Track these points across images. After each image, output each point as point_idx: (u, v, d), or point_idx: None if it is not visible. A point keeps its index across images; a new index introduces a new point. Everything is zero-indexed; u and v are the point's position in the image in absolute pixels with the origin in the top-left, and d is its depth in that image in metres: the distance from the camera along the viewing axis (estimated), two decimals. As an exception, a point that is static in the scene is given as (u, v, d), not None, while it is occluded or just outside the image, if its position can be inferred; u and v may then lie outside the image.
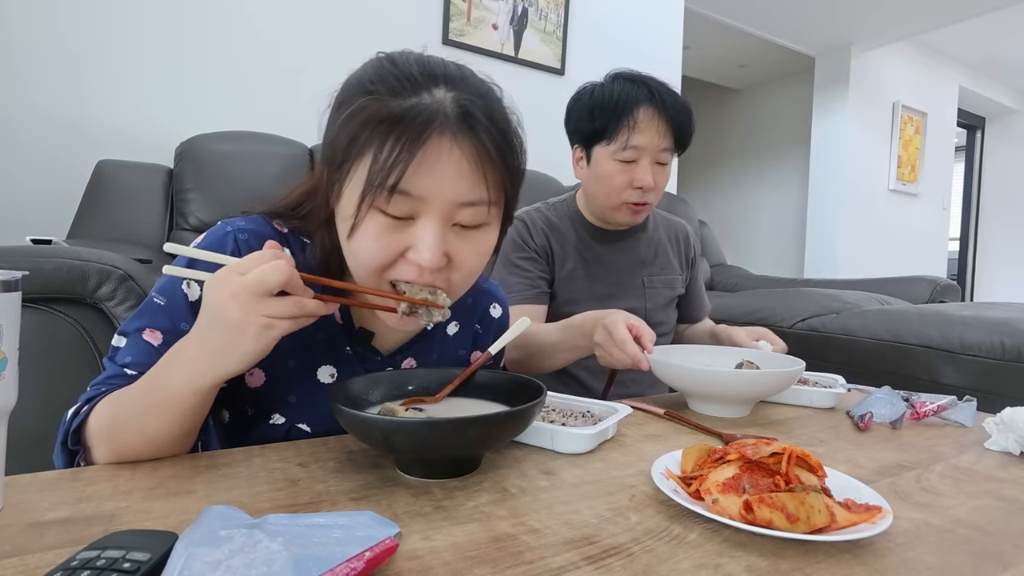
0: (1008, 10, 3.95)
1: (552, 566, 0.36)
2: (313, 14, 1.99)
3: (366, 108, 0.51)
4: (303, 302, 0.49)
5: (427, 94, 0.52)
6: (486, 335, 0.80)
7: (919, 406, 0.74)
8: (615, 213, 1.15)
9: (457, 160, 0.52)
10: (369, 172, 0.51)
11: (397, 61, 0.55)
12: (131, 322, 0.60)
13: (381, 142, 0.51)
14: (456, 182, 0.52)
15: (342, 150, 0.53)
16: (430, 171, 0.51)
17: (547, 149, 2.56)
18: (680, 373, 0.77)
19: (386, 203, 0.52)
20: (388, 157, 0.50)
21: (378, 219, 0.53)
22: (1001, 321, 1.44)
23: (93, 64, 1.68)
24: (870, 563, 0.38)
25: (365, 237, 0.54)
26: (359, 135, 0.52)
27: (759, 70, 5.17)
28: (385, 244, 0.54)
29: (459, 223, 0.55)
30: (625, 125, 1.06)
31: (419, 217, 0.53)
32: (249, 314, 0.47)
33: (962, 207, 5.91)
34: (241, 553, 0.32)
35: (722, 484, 0.44)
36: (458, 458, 0.52)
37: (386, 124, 0.50)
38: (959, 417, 0.72)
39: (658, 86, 1.09)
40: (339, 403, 0.49)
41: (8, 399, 0.41)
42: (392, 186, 0.50)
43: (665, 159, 1.11)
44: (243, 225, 0.62)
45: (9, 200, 1.61)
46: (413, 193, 0.51)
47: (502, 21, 2.40)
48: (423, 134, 0.50)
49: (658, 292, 1.24)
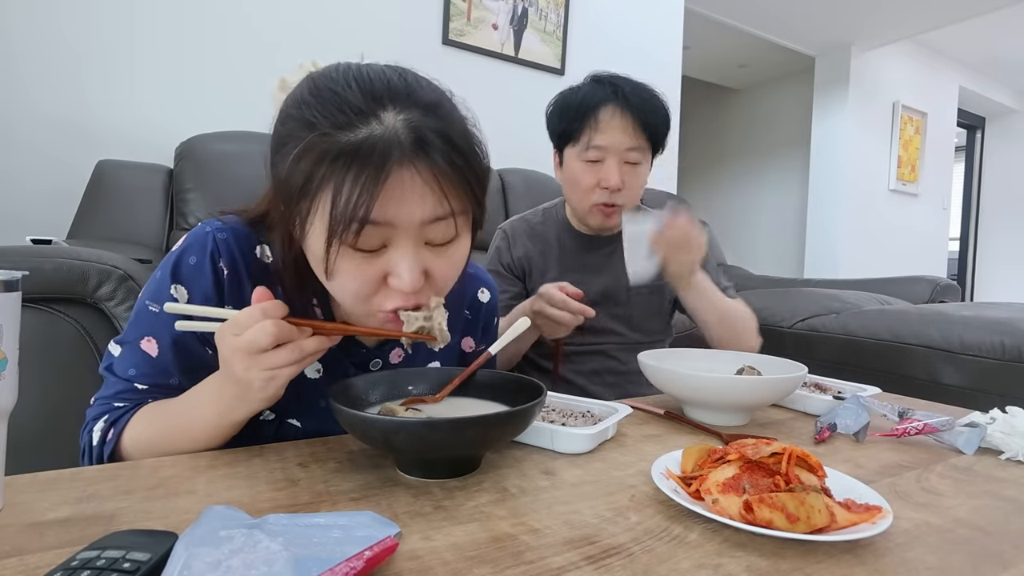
0: (1008, 10, 3.95)
1: (552, 566, 0.36)
2: (313, 14, 1.99)
3: (315, 146, 0.49)
4: (301, 346, 0.51)
5: (376, 121, 0.49)
6: (475, 320, 0.80)
7: (905, 422, 0.68)
8: (587, 217, 1.14)
9: (420, 185, 0.51)
10: (331, 213, 0.49)
11: (334, 87, 0.51)
12: (128, 331, 0.61)
13: (340, 180, 0.48)
14: (421, 205, 0.51)
15: (298, 190, 0.51)
16: (396, 201, 0.50)
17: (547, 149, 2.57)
18: (675, 379, 0.73)
19: (355, 239, 0.50)
20: (350, 196, 0.48)
21: (351, 256, 0.52)
22: (1001, 321, 1.44)
23: (93, 64, 1.67)
24: (870, 563, 0.38)
25: (343, 277, 0.53)
26: (314, 174, 0.49)
27: (759, 70, 5.17)
28: (363, 277, 0.53)
29: (430, 241, 0.54)
30: (588, 125, 1.06)
31: (391, 244, 0.53)
32: (250, 371, 0.50)
33: (962, 207, 5.91)
34: (241, 553, 0.32)
35: (722, 484, 0.44)
36: (458, 458, 0.52)
37: (341, 161, 0.48)
38: (957, 443, 0.65)
39: (626, 85, 1.07)
40: (339, 403, 0.49)
41: (8, 399, 0.41)
42: (360, 223, 0.49)
43: (635, 158, 1.07)
44: (222, 225, 0.63)
45: (9, 200, 1.60)
46: (381, 223, 0.50)
47: (502, 21, 2.40)
48: (383, 169, 0.48)
49: (644, 299, 1.19)
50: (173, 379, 0.61)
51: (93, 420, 0.60)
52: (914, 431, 0.66)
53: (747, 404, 0.73)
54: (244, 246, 0.63)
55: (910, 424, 0.67)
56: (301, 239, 0.55)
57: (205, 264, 0.60)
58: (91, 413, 0.61)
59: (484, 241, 1.98)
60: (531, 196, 2.13)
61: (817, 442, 0.66)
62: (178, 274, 0.60)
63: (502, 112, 2.39)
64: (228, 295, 0.62)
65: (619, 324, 1.18)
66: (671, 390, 0.75)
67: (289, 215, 0.54)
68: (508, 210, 2.10)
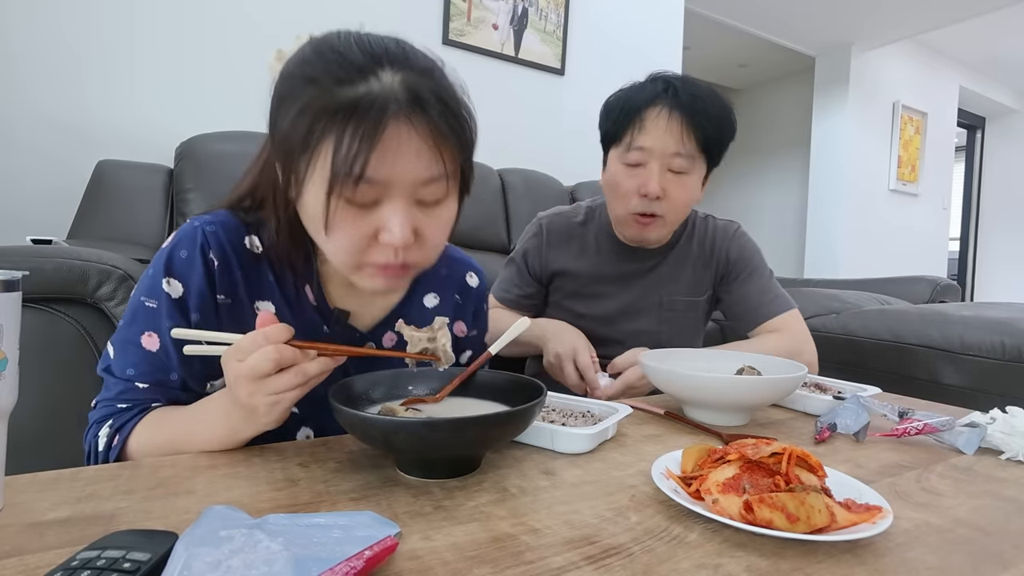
0: (1008, 10, 3.95)
1: (552, 566, 0.36)
2: (313, 14, 1.99)
3: (316, 100, 0.51)
4: (304, 370, 0.52)
5: (374, 79, 0.52)
6: (466, 305, 0.81)
7: (905, 422, 0.68)
8: (624, 227, 1.06)
9: (416, 142, 0.53)
10: (332, 165, 0.51)
11: (336, 46, 0.54)
12: (124, 329, 0.62)
13: (339, 133, 0.51)
14: (416, 163, 0.53)
15: (299, 144, 0.53)
16: (392, 156, 0.52)
17: (547, 149, 2.57)
18: (675, 379, 0.72)
19: (353, 192, 0.53)
20: (349, 148, 0.50)
21: (346, 210, 0.54)
22: (1001, 321, 1.44)
23: (93, 64, 1.67)
24: (870, 563, 0.38)
25: (338, 232, 0.55)
26: (314, 128, 0.51)
27: (759, 70, 5.17)
28: (358, 233, 0.55)
29: (421, 200, 0.56)
30: (633, 125, 0.98)
31: (384, 200, 0.55)
32: (254, 396, 0.51)
33: (962, 207, 5.90)
34: (241, 553, 0.32)
35: (722, 484, 0.44)
36: (458, 458, 0.52)
37: (341, 115, 0.50)
38: (957, 443, 0.65)
39: (681, 84, 0.98)
40: (339, 403, 0.49)
41: (8, 399, 0.41)
42: (357, 176, 0.51)
43: (680, 166, 0.98)
44: (210, 219, 0.64)
45: (9, 200, 1.60)
46: (377, 179, 0.52)
47: (502, 21, 2.40)
48: (380, 122, 0.51)
49: (680, 315, 1.13)
50: (173, 375, 0.62)
51: (97, 424, 0.60)
52: (914, 431, 0.66)
53: (747, 404, 0.73)
54: (233, 237, 0.64)
55: (910, 424, 0.66)
56: (297, 198, 0.56)
57: (196, 257, 0.61)
58: (94, 416, 0.61)
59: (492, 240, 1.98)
60: (531, 196, 2.13)
61: (817, 442, 0.66)
62: (170, 268, 0.61)
63: (502, 112, 2.39)
64: (220, 285, 0.63)
65: (647, 339, 1.10)
66: (671, 390, 0.75)
67: (288, 172, 0.55)
68: (508, 210, 2.10)
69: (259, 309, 0.65)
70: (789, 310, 1.10)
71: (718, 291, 1.17)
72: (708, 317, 1.22)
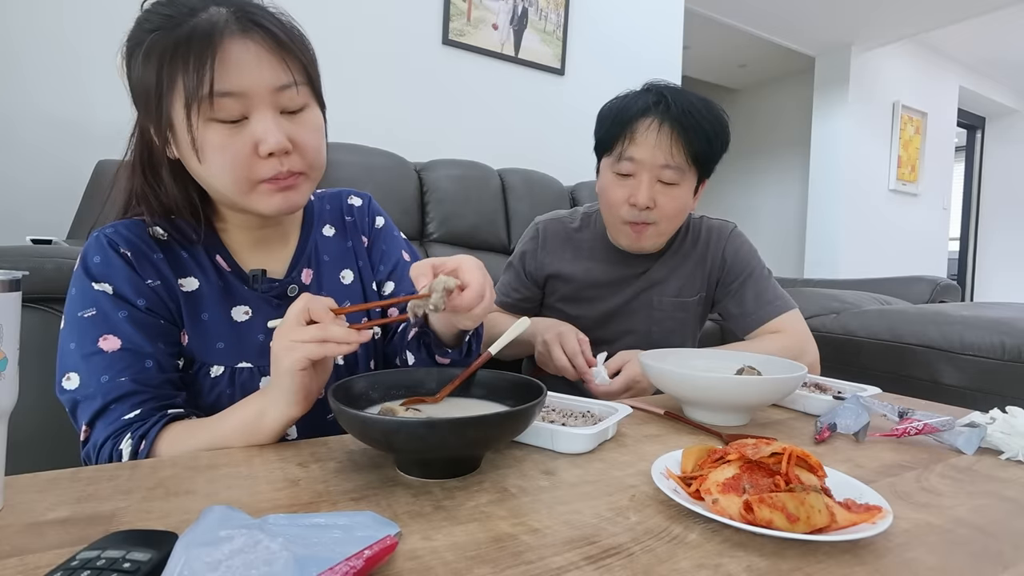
0: (1008, 10, 3.95)
1: (552, 566, 0.36)
2: (313, 14, 1.99)
3: (157, 43, 0.57)
4: (327, 328, 0.55)
5: (204, 13, 0.58)
6: (360, 224, 0.85)
7: (905, 422, 0.67)
8: (618, 235, 1.07)
9: (254, 51, 0.59)
10: (184, 90, 0.56)
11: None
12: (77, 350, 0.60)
13: (184, 63, 0.56)
14: (261, 71, 0.59)
15: (154, 87, 0.57)
16: (236, 68, 0.57)
17: (547, 149, 2.57)
18: (675, 379, 0.72)
19: (212, 110, 0.57)
20: (195, 69, 0.56)
21: (215, 129, 0.58)
22: (1001, 321, 1.44)
23: (94, 64, 1.67)
24: (870, 563, 0.38)
25: (212, 151, 0.59)
26: (162, 66, 0.56)
27: (759, 70, 5.17)
28: (233, 148, 0.59)
29: (284, 108, 0.61)
30: (624, 135, 0.99)
31: (250, 114, 0.59)
32: (279, 340, 0.55)
33: (962, 207, 5.91)
34: (241, 553, 0.32)
35: (722, 484, 0.44)
36: (458, 458, 0.52)
37: (182, 46, 0.56)
38: (957, 443, 0.64)
39: (674, 95, 0.98)
40: (339, 403, 0.49)
41: (8, 399, 0.41)
42: (209, 91, 0.56)
43: (670, 178, 0.98)
44: (106, 227, 0.66)
45: (9, 200, 1.60)
46: (232, 90, 0.57)
47: (502, 21, 2.40)
48: (210, 43, 0.56)
49: (669, 316, 1.14)
50: (148, 361, 0.62)
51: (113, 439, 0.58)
52: (914, 431, 0.66)
53: (747, 404, 0.73)
54: (136, 231, 0.66)
55: (910, 424, 0.66)
56: (171, 142, 0.61)
57: (110, 256, 0.63)
58: (101, 434, 0.58)
59: (492, 240, 1.98)
60: (531, 196, 2.13)
61: (817, 442, 0.66)
62: (92, 275, 0.62)
63: (502, 112, 2.39)
64: (143, 272, 0.65)
65: (638, 340, 1.12)
66: (671, 390, 0.75)
67: (155, 123, 0.60)
68: (508, 210, 2.10)
69: (183, 286, 0.68)
70: (790, 310, 1.10)
71: (715, 294, 1.17)
72: (703, 318, 1.22)
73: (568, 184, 2.29)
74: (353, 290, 0.81)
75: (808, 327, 1.12)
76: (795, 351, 1.03)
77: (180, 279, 0.68)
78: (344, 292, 0.80)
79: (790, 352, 0.99)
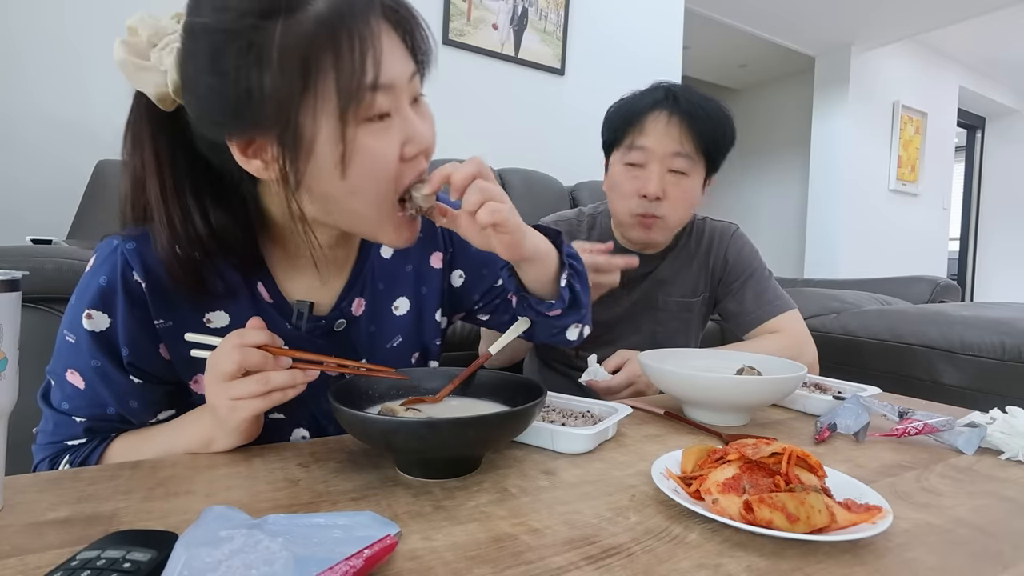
0: (1008, 10, 3.95)
1: (552, 566, 0.36)
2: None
3: (291, 32, 0.44)
4: (268, 377, 0.49)
5: None
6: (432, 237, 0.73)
7: (905, 422, 0.67)
8: (627, 229, 1.08)
9: (396, 40, 0.50)
10: (338, 84, 0.45)
11: None
12: (53, 361, 0.58)
13: (336, 50, 0.45)
14: (397, 58, 0.50)
15: (289, 91, 0.45)
16: (388, 57, 0.48)
17: (547, 149, 2.57)
18: (675, 379, 0.72)
19: (369, 108, 0.48)
20: (358, 57, 0.45)
21: (369, 132, 0.49)
22: (1001, 321, 1.44)
23: (95, 64, 1.67)
24: (870, 563, 0.38)
25: (365, 160, 0.49)
26: (307, 60, 0.44)
27: (759, 70, 5.17)
28: (388, 149, 0.50)
29: (411, 98, 0.53)
30: (634, 128, 1.01)
31: (393, 112, 0.50)
32: (217, 397, 0.50)
33: (962, 207, 5.91)
34: (241, 553, 0.32)
35: (722, 484, 0.44)
36: (458, 458, 0.52)
37: (337, 27, 0.44)
38: (957, 443, 0.64)
39: (681, 91, 1.01)
40: (339, 403, 0.49)
41: (8, 399, 0.41)
42: (373, 82, 0.46)
43: (680, 166, 1.00)
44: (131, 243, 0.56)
45: (9, 200, 1.60)
46: (388, 83, 0.48)
47: (502, 21, 2.40)
48: (368, 15, 0.46)
49: (674, 316, 1.14)
50: (110, 408, 0.57)
51: (51, 461, 0.57)
52: (914, 431, 0.66)
53: (747, 404, 0.73)
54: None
55: (910, 424, 0.66)
56: (301, 159, 0.48)
57: (116, 284, 0.54)
58: (41, 452, 0.58)
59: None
60: (531, 196, 2.13)
61: (817, 442, 0.66)
62: (91, 299, 0.54)
63: (502, 112, 2.39)
64: (155, 309, 0.56)
65: (643, 341, 1.12)
66: (671, 390, 0.75)
67: (279, 133, 0.47)
68: (508, 210, 2.10)
69: (210, 322, 0.59)
70: (789, 311, 1.11)
71: (717, 294, 1.17)
72: (705, 318, 1.22)
73: (568, 184, 2.29)
74: (404, 323, 0.71)
75: (807, 327, 1.13)
76: (794, 351, 1.04)
77: (208, 313, 0.59)
78: (394, 326, 0.70)
79: (789, 352, 0.99)
